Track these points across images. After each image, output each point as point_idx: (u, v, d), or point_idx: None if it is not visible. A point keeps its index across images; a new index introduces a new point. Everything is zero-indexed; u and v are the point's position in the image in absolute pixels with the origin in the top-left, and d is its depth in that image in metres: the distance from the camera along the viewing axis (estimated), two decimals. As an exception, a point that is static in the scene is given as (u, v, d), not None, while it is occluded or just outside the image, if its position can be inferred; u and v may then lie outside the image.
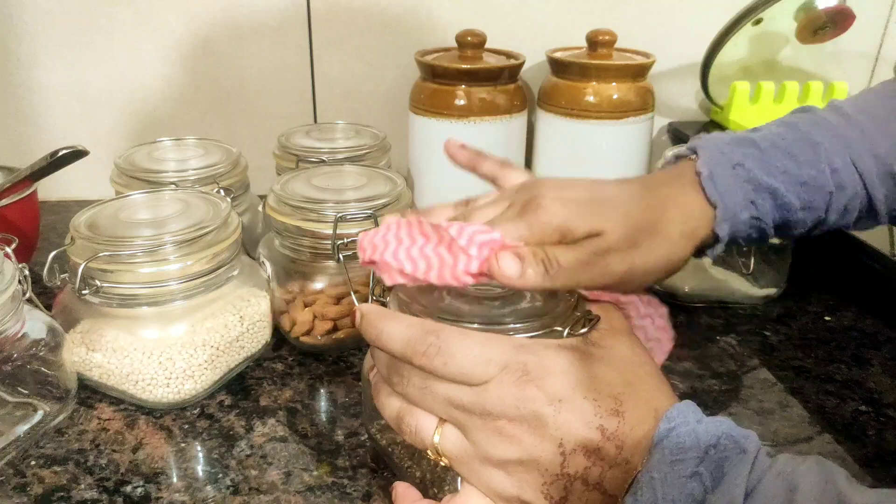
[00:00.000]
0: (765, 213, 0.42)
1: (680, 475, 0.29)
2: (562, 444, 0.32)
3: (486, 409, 0.32)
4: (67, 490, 0.41)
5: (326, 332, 0.53)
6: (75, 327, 0.48)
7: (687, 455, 0.30)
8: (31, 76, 0.78)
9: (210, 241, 0.48)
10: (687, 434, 0.30)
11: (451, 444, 0.34)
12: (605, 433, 0.31)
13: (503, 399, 0.32)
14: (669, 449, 0.30)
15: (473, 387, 0.33)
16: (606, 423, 0.32)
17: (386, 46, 0.81)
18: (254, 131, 0.83)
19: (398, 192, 0.54)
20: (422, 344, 0.33)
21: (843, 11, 0.80)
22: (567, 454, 0.32)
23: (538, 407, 0.32)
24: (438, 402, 0.33)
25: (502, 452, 0.32)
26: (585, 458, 0.31)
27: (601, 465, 0.31)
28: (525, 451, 0.32)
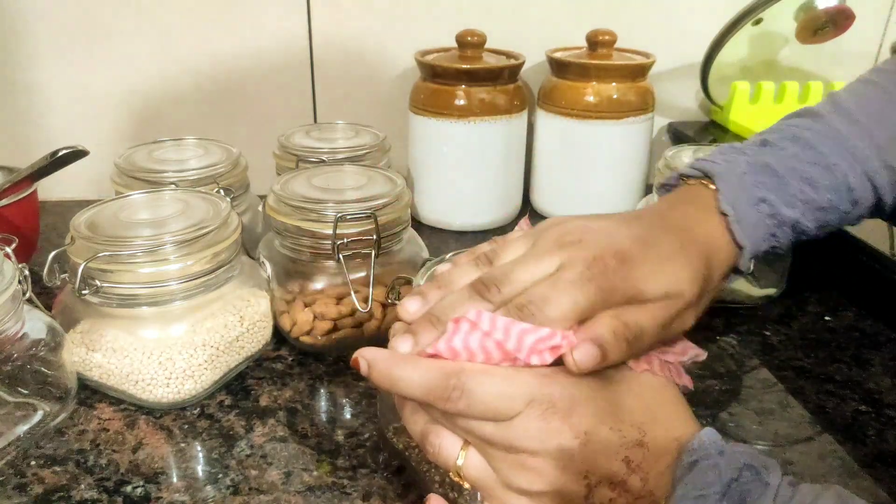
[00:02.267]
0: (784, 242, 0.42)
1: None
2: (587, 477, 0.31)
3: (512, 442, 0.32)
4: (67, 490, 0.41)
5: (326, 332, 0.53)
6: (75, 327, 0.48)
7: (710, 490, 0.29)
8: (31, 76, 0.78)
9: (210, 241, 0.48)
10: (710, 468, 0.30)
11: (474, 470, 0.33)
12: (630, 465, 0.31)
13: (529, 433, 0.32)
14: (692, 485, 0.30)
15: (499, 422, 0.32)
16: (631, 455, 0.32)
17: (386, 46, 0.81)
18: (254, 131, 0.83)
19: (398, 192, 0.54)
20: (444, 390, 0.32)
21: (843, 11, 0.80)
22: (593, 486, 0.31)
23: (564, 441, 0.31)
24: (463, 431, 0.33)
25: (527, 484, 0.32)
26: (610, 489, 0.31)
27: (626, 496, 0.31)
28: (550, 484, 0.32)
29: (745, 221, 0.40)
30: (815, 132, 0.44)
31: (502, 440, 0.32)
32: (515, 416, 0.32)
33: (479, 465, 0.33)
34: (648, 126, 0.77)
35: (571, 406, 0.32)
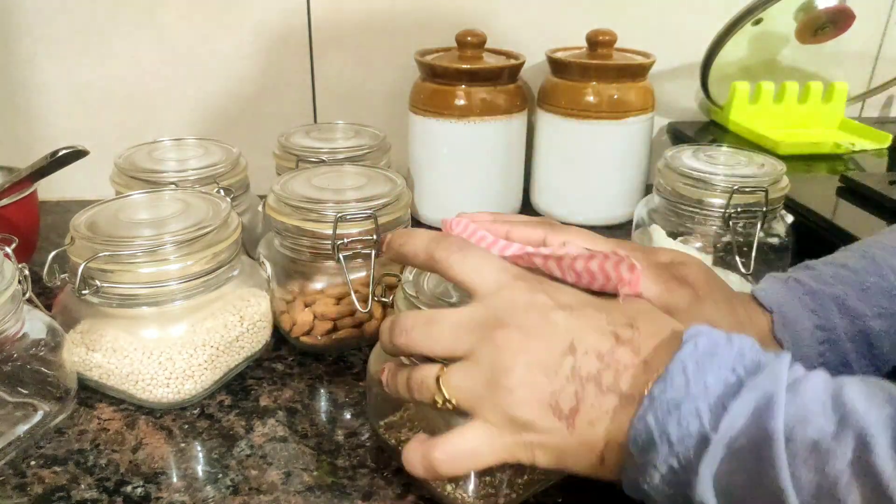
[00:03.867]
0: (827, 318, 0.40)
1: (714, 364, 0.28)
2: (573, 346, 0.30)
3: (496, 314, 0.31)
4: (67, 490, 0.41)
5: (326, 332, 0.53)
6: (75, 327, 0.48)
7: (720, 350, 0.29)
8: (31, 76, 0.78)
9: (210, 241, 0.48)
10: (718, 335, 0.29)
11: (456, 377, 0.32)
12: (619, 339, 0.30)
13: (514, 301, 0.32)
14: (702, 343, 0.29)
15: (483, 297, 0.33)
16: (621, 332, 0.31)
17: (386, 46, 0.81)
18: (254, 131, 0.83)
19: (398, 192, 0.54)
20: (447, 240, 0.34)
21: (843, 11, 0.80)
22: (578, 356, 0.30)
23: (548, 311, 0.31)
24: (445, 331, 0.33)
25: (509, 360, 0.31)
26: (598, 360, 0.30)
27: (615, 367, 0.30)
28: (532, 356, 0.31)
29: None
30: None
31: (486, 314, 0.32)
32: (503, 286, 0.32)
33: (460, 371, 0.32)
34: (648, 126, 0.77)
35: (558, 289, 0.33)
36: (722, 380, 0.28)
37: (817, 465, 0.25)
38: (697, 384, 0.28)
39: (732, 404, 0.27)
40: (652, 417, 0.28)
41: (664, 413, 0.28)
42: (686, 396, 0.28)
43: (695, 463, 0.27)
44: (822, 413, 0.26)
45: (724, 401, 0.27)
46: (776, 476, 0.26)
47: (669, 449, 0.28)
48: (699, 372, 0.28)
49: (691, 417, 0.27)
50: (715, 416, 0.27)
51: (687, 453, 0.28)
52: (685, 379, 0.28)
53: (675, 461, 0.28)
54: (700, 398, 0.28)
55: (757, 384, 0.27)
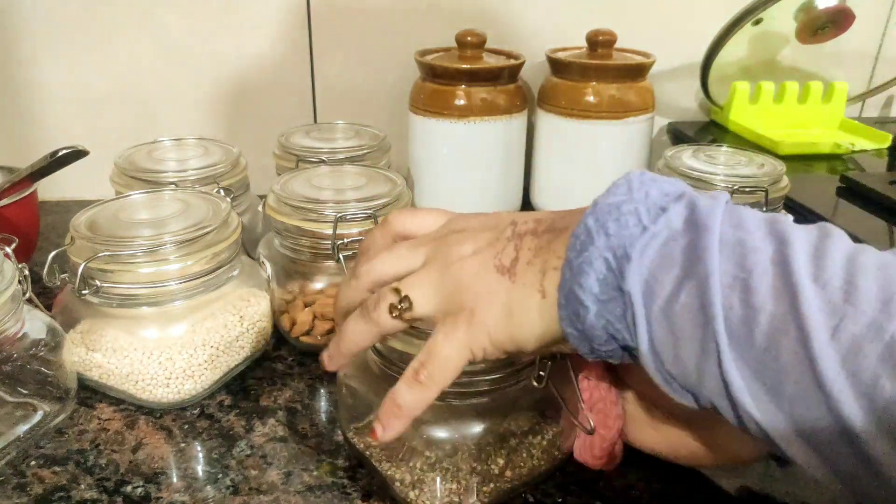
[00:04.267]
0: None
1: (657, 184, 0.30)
2: (514, 221, 0.33)
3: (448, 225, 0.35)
4: (67, 490, 0.41)
5: (326, 332, 0.53)
6: (75, 327, 0.48)
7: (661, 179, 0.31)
8: (31, 76, 0.78)
9: (210, 241, 0.48)
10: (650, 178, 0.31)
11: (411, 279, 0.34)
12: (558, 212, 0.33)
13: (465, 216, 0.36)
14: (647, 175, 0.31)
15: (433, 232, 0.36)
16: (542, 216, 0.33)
17: (386, 46, 0.81)
18: (254, 131, 0.83)
19: (398, 192, 0.54)
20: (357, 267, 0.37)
21: (843, 11, 0.80)
22: (518, 223, 0.33)
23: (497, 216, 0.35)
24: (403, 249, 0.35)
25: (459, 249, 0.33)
26: (535, 222, 0.33)
27: (552, 216, 0.33)
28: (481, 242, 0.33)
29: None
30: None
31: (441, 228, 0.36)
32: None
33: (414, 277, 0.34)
34: (648, 126, 0.77)
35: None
36: (663, 192, 0.30)
37: (739, 259, 0.27)
38: (639, 192, 0.29)
39: (672, 206, 0.29)
40: (592, 219, 0.29)
41: (604, 214, 0.29)
42: (627, 201, 0.29)
43: (629, 251, 0.28)
44: (756, 227, 0.28)
45: (663, 205, 0.29)
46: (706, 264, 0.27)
47: (606, 240, 0.29)
48: (642, 186, 0.30)
49: (630, 216, 0.29)
50: (653, 215, 0.29)
51: (622, 243, 0.28)
52: (628, 188, 0.30)
53: (611, 254, 0.28)
54: (640, 202, 0.29)
55: (695, 196, 0.30)
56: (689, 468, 0.42)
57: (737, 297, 0.26)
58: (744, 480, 0.42)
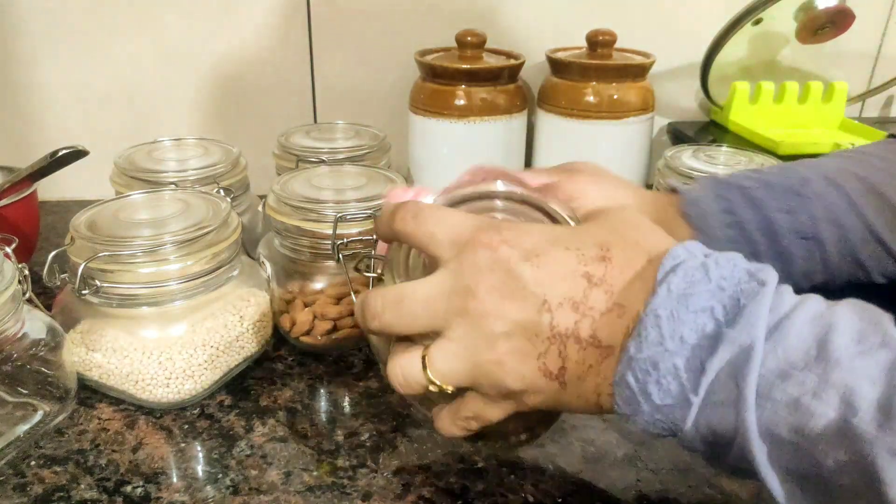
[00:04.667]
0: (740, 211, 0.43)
1: (689, 310, 0.27)
2: (546, 302, 0.29)
3: (463, 282, 0.30)
4: (67, 490, 0.41)
5: (326, 332, 0.53)
6: (75, 327, 0.48)
7: (697, 289, 0.27)
8: (31, 76, 0.78)
9: (210, 241, 0.48)
10: (695, 269, 0.28)
11: (440, 361, 0.31)
12: (591, 280, 0.29)
13: (477, 263, 0.30)
14: (676, 284, 0.28)
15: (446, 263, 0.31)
16: (592, 270, 0.30)
17: (386, 46, 0.81)
18: (254, 131, 0.83)
19: (398, 192, 0.54)
20: (401, 209, 0.33)
21: (843, 11, 0.80)
22: (553, 310, 0.29)
23: (513, 265, 0.30)
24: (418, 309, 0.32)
25: (488, 331, 0.30)
26: (573, 311, 0.29)
27: (591, 315, 0.29)
28: (509, 320, 0.30)
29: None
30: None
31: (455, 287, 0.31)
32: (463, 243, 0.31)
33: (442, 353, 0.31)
34: (648, 126, 0.77)
35: (520, 234, 0.31)
36: (699, 330, 0.27)
37: (796, 425, 0.25)
38: (673, 339, 0.27)
39: (709, 363, 0.27)
40: (632, 378, 0.28)
41: (643, 373, 0.28)
42: (663, 354, 0.27)
43: (679, 422, 0.28)
44: (805, 366, 0.25)
45: (701, 358, 0.27)
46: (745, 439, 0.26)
47: (653, 408, 0.28)
48: (674, 323, 0.27)
49: (670, 377, 0.27)
50: (693, 377, 0.27)
51: (671, 413, 0.28)
52: (660, 334, 0.27)
53: (661, 416, 0.28)
54: (677, 354, 0.27)
55: (734, 338, 0.26)
56: (689, 469, 0.42)
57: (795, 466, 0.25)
58: (744, 481, 0.42)
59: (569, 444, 0.45)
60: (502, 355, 0.30)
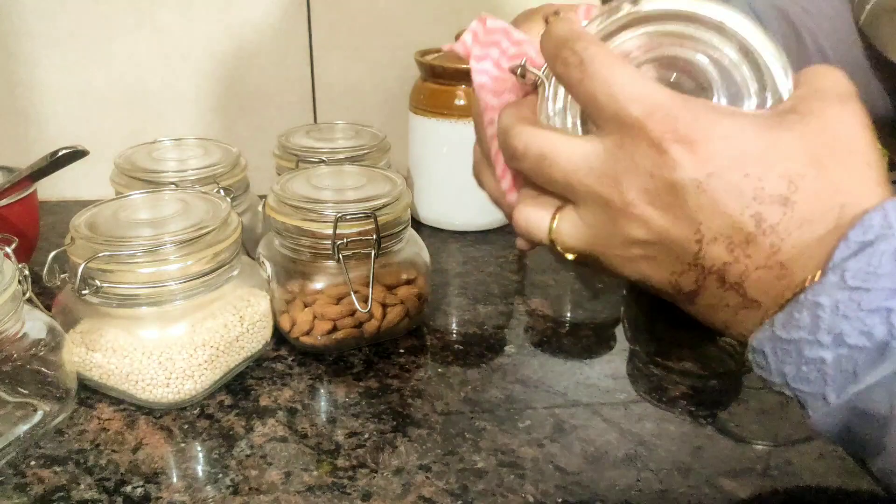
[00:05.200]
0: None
1: (861, 307, 0.22)
2: (699, 231, 0.25)
3: (615, 174, 0.26)
4: (67, 490, 0.41)
5: (326, 332, 0.53)
6: (75, 327, 0.48)
7: (878, 284, 0.22)
8: (31, 75, 0.78)
9: (210, 241, 0.48)
10: (886, 255, 0.22)
11: (568, 233, 0.29)
12: (760, 224, 0.24)
13: (636, 160, 0.26)
14: (854, 273, 0.22)
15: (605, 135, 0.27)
16: (766, 212, 0.24)
17: (386, 46, 0.81)
18: (254, 131, 0.83)
19: (398, 192, 0.54)
20: (566, 49, 0.27)
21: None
22: (704, 243, 0.25)
23: (678, 176, 0.25)
24: (557, 175, 0.28)
25: (627, 231, 0.27)
26: (727, 250, 0.25)
27: (746, 262, 0.25)
28: (653, 233, 0.26)
29: None
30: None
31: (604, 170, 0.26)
32: (628, 126, 0.26)
33: (572, 225, 0.29)
34: (648, 126, 0.77)
35: (699, 137, 0.25)
36: (865, 332, 0.22)
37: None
38: (830, 333, 0.23)
39: (865, 374, 0.23)
40: (770, 351, 0.25)
41: (783, 353, 0.24)
42: (812, 344, 0.23)
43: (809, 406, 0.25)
44: None
45: (856, 363, 0.23)
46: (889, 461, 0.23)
47: (783, 383, 0.25)
48: (836, 317, 0.23)
49: (813, 368, 0.24)
50: (841, 378, 0.23)
51: (802, 395, 0.25)
52: (815, 324, 0.23)
53: (790, 392, 0.25)
54: (828, 349, 0.23)
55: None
56: (689, 469, 0.43)
57: None
58: (744, 481, 0.42)
59: (569, 444, 0.45)
60: (635, 257, 0.28)
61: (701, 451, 0.45)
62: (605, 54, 0.27)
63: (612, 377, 0.52)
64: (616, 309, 0.62)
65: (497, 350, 0.55)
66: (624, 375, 0.53)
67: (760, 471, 0.43)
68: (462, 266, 0.69)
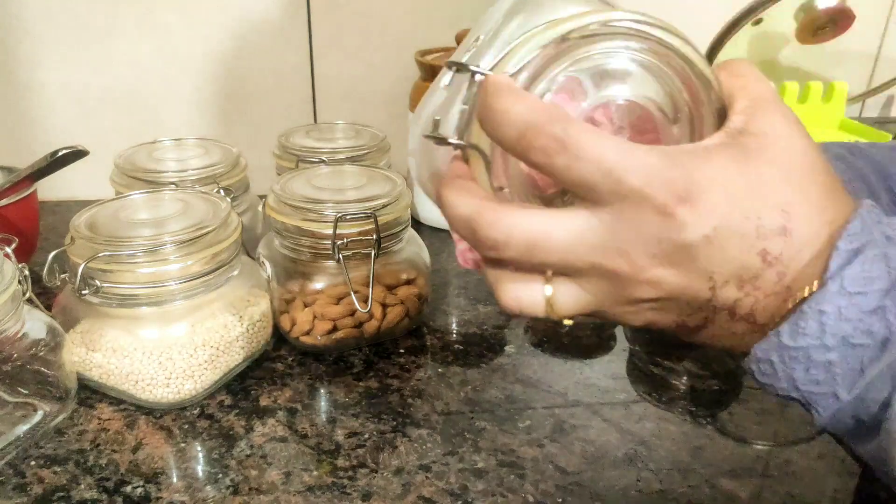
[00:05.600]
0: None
1: (859, 310, 0.24)
2: (712, 279, 0.26)
3: (616, 245, 0.26)
4: (67, 490, 0.41)
5: (326, 332, 0.53)
6: (75, 327, 0.48)
7: (872, 287, 0.24)
8: (31, 76, 0.78)
9: (210, 241, 0.48)
10: (876, 259, 0.24)
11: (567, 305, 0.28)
12: (766, 258, 0.26)
13: (641, 228, 0.25)
14: (851, 279, 0.24)
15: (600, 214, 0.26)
16: (770, 246, 0.25)
17: (386, 46, 0.81)
18: (254, 131, 0.83)
19: (398, 192, 0.54)
20: (544, 135, 0.25)
21: (843, 11, 0.80)
22: (717, 288, 0.26)
23: (687, 235, 0.25)
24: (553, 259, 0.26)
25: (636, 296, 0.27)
26: (738, 289, 0.26)
27: (755, 295, 0.26)
28: (665, 291, 0.26)
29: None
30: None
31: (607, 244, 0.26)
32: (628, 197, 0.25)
33: (572, 296, 0.27)
34: (648, 126, 0.77)
35: (698, 191, 0.25)
36: (866, 331, 0.24)
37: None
38: (835, 337, 0.24)
39: (871, 368, 0.24)
40: (777, 359, 0.26)
41: (792, 360, 0.25)
42: (818, 348, 0.25)
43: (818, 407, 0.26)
44: None
45: (862, 360, 0.24)
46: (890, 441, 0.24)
47: (791, 387, 0.26)
48: (840, 322, 0.24)
49: (822, 369, 0.25)
50: (849, 376, 0.25)
51: (811, 397, 0.26)
52: (821, 330, 0.24)
53: (798, 395, 0.26)
54: (834, 351, 0.25)
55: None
56: (689, 469, 0.42)
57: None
58: (744, 481, 0.42)
59: (569, 444, 0.45)
60: (642, 310, 0.28)
61: (701, 451, 0.45)
62: (586, 131, 0.25)
63: (612, 377, 0.52)
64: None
65: (497, 350, 0.55)
66: (624, 375, 0.53)
67: (760, 471, 0.43)
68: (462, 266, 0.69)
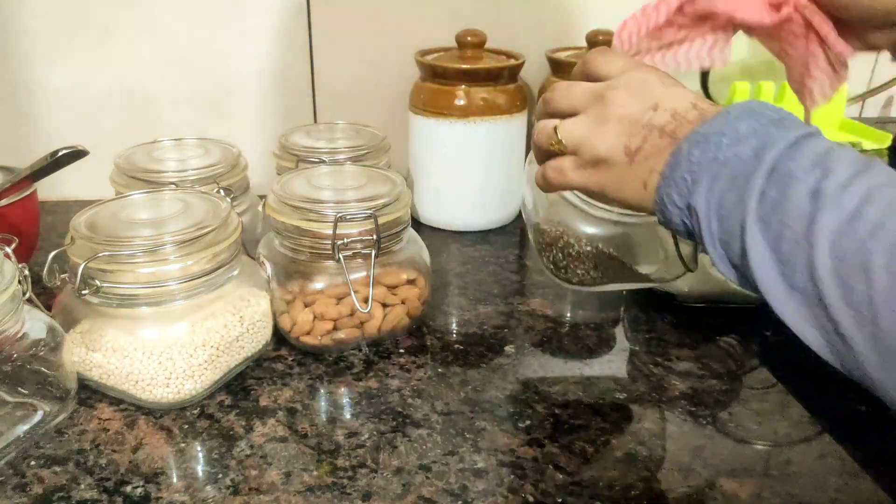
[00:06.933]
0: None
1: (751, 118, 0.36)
2: (657, 104, 0.38)
3: (615, 82, 0.40)
4: (67, 490, 0.41)
5: (326, 332, 0.53)
6: (75, 327, 0.48)
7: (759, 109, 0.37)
8: (31, 76, 0.78)
9: (210, 241, 0.48)
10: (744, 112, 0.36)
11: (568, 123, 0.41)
12: (697, 105, 0.38)
13: (630, 75, 0.40)
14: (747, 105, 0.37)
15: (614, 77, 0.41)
16: (701, 103, 0.38)
17: (386, 46, 0.81)
18: (254, 131, 0.83)
19: (398, 192, 0.54)
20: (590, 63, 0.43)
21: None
22: (658, 112, 0.38)
23: (652, 80, 0.40)
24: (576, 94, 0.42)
25: (609, 112, 0.39)
26: (671, 116, 0.38)
27: (681, 120, 0.37)
28: (626, 111, 0.39)
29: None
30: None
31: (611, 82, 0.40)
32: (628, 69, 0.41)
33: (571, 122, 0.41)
34: (648, 126, 0.77)
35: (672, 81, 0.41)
36: (751, 128, 0.35)
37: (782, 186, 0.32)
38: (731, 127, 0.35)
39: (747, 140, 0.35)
40: (686, 143, 0.36)
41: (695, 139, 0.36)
42: (717, 131, 0.35)
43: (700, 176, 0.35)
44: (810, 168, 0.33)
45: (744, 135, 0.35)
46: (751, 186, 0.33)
47: (689, 163, 0.36)
48: (737, 120, 0.36)
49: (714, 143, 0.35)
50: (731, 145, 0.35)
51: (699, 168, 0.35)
52: (725, 120, 0.36)
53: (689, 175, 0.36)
54: (727, 133, 0.35)
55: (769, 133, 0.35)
56: (689, 469, 0.42)
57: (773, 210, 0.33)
58: (744, 481, 0.42)
59: (569, 444, 0.45)
60: (609, 132, 0.39)
61: (701, 451, 0.45)
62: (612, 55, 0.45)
63: (612, 377, 0.52)
64: (616, 309, 0.62)
65: (497, 350, 0.55)
66: (624, 375, 0.53)
67: (760, 471, 0.43)
68: (462, 266, 0.69)
